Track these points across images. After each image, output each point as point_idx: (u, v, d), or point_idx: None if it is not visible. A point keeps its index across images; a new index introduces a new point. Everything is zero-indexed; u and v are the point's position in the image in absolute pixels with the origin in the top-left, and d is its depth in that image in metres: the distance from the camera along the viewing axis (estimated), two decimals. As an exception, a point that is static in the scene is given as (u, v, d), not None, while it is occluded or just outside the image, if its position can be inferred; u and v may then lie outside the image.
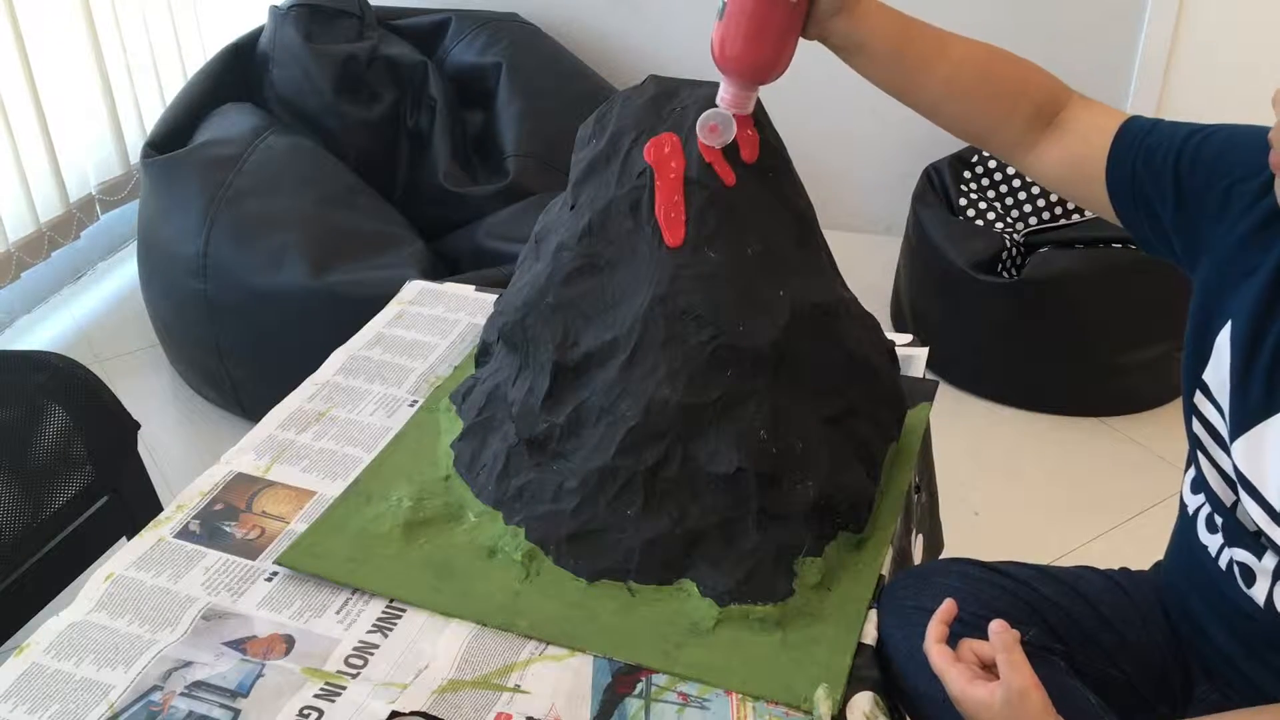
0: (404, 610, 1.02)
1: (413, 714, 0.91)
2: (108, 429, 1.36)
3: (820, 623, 1.00)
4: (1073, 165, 1.04)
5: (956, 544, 1.96)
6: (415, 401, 1.28)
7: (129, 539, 1.11)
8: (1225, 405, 0.94)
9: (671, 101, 1.07)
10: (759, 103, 1.08)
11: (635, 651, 0.97)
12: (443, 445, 1.19)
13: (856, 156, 2.95)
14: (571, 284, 1.08)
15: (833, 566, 1.05)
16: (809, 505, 1.04)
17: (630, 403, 1.04)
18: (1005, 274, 2.39)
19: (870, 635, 0.99)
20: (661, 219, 1.04)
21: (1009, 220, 2.52)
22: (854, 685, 0.94)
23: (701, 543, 1.03)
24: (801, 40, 1.01)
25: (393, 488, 1.14)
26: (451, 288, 1.51)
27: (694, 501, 1.03)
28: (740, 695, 0.93)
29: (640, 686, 0.94)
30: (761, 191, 1.07)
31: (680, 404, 1.02)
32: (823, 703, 0.90)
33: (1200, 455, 0.99)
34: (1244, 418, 0.92)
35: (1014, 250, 2.43)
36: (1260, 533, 0.91)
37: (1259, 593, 0.93)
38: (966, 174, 2.57)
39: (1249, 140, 0.93)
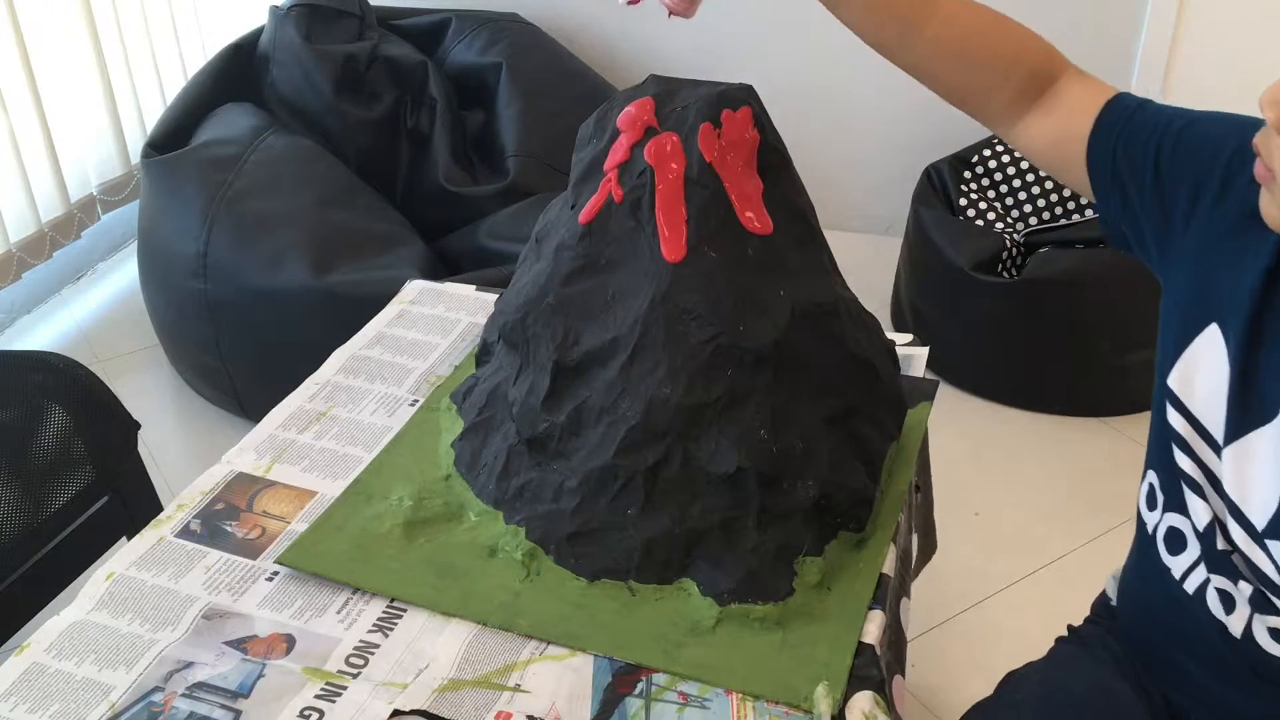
0: (404, 610, 1.02)
1: (413, 712, 0.91)
2: (108, 429, 1.36)
3: (820, 622, 1.00)
4: (1057, 142, 0.99)
5: (957, 544, 1.96)
6: (416, 401, 1.28)
7: (129, 539, 1.11)
8: (1211, 411, 0.88)
9: (671, 101, 1.07)
10: (760, 104, 1.08)
11: (635, 651, 0.97)
12: (443, 445, 1.19)
13: (856, 156, 2.95)
14: (572, 283, 1.08)
15: (833, 566, 1.05)
16: (809, 505, 1.04)
17: (630, 402, 1.04)
18: (1005, 274, 2.39)
19: (871, 635, 0.99)
20: (661, 230, 1.04)
21: (1009, 220, 2.53)
22: (854, 684, 0.94)
23: (701, 542, 1.03)
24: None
25: (393, 487, 1.14)
26: (452, 287, 1.51)
27: (694, 501, 1.03)
28: (740, 694, 0.93)
29: (640, 686, 0.94)
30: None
31: (680, 404, 1.02)
32: (822, 701, 0.90)
33: (1169, 465, 0.94)
34: (1236, 426, 0.86)
35: (1014, 250, 2.43)
36: (1236, 552, 0.87)
37: (1236, 621, 0.89)
38: (966, 174, 2.57)
39: (1236, 130, 0.89)
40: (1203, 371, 0.89)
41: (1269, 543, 0.84)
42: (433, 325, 1.42)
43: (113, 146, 2.79)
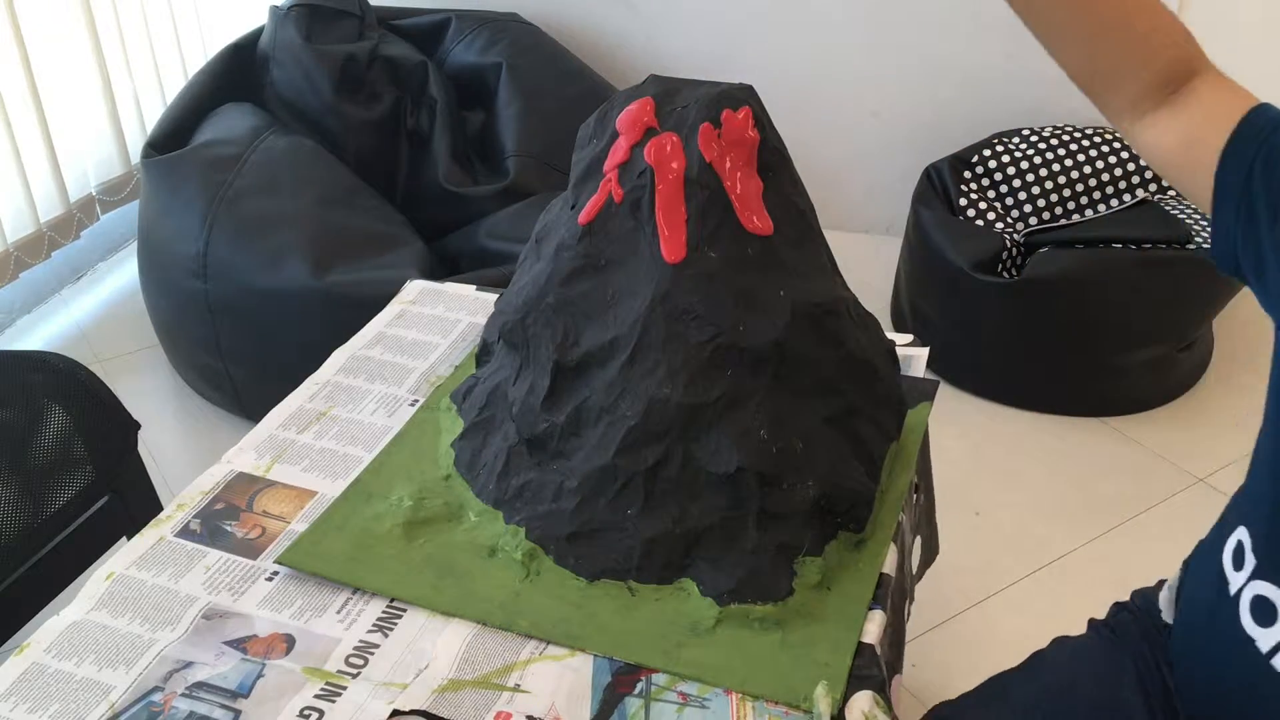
0: (404, 610, 1.02)
1: (413, 713, 0.91)
2: (108, 429, 1.36)
3: (820, 622, 1.00)
4: (1185, 146, 0.90)
5: (957, 544, 1.96)
6: (416, 401, 1.28)
7: (129, 539, 1.11)
8: None
9: (671, 101, 1.07)
10: (760, 104, 1.08)
11: (635, 651, 0.97)
12: (443, 445, 1.19)
13: (856, 156, 2.95)
14: (572, 284, 1.08)
15: (833, 566, 1.05)
16: (809, 505, 1.04)
17: (630, 402, 1.04)
18: (1005, 274, 2.39)
19: (871, 635, 0.99)
20: (661, 230, 1.04)
21: (1009, 220, 2.53)
22: (854, 684, 0.94)
23: (701, 542, 1.03)
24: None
25: (393, 487, 1.14)
26: (452, 287, 1.51)
27: (694, 501, 1.03)
28: (740, 694, 0.93)
29: (640, 686, 0.94)
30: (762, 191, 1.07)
31: (680, 404, 1.02)
32: (822, 700, 0.90)
33: (1275, 531, 0.85)
34: None
35: (1014, 250, 2.43)
36: None
37: None
38: (966, 174, 2.57)
39: None
40: None
41: None
42: (433, 325, 1.42)
43: (112, 146, 2.79)
